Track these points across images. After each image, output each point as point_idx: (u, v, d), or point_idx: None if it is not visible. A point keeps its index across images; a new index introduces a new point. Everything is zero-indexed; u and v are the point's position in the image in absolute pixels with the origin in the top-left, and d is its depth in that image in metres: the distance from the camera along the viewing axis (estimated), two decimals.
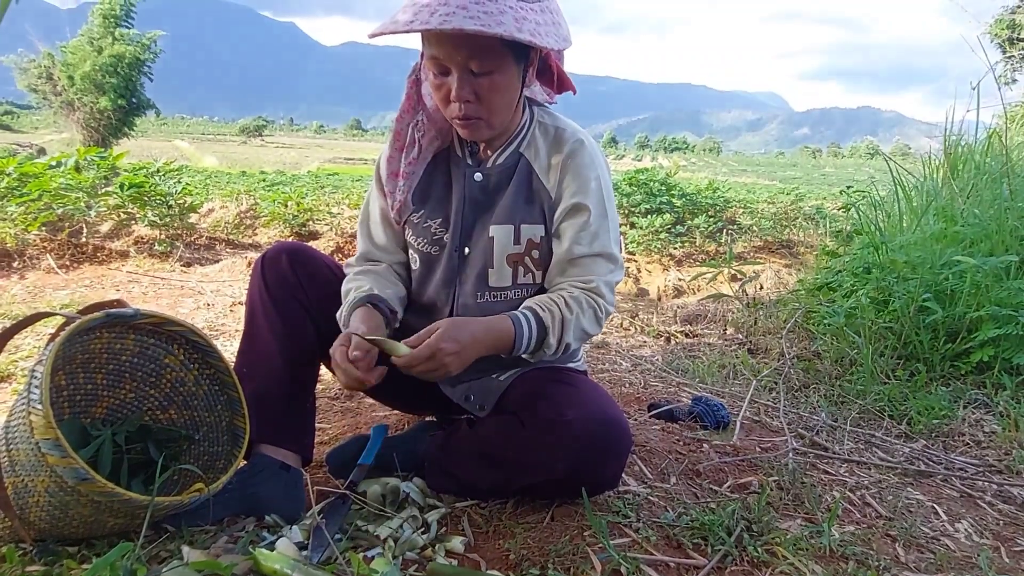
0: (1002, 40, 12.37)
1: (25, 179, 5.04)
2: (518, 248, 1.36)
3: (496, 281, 1.38)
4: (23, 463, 1.06)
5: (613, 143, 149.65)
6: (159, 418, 1.38)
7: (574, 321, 1.29)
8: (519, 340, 1.26)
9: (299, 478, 1.37)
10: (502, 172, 1.37)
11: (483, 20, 1.09)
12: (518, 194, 1.36)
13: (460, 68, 1.19)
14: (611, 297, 1.35)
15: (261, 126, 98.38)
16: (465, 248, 1.39)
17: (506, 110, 1.28)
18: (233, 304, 3.61)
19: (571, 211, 1.33)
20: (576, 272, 1.33)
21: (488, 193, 1.38)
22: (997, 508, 1.60)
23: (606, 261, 1.34)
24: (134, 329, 1.32)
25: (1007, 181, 3.28)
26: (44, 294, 3.76)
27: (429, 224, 1.41)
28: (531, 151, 1.37)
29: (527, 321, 1.27)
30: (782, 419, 2.04)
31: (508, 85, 1.24)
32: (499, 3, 1.12)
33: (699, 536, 1.26)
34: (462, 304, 1.40)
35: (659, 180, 9.61)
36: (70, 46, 24.77)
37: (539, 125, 1.39)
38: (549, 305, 1.29)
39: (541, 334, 1.28)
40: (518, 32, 1.11)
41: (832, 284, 3.40)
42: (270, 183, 13.38)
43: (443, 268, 1.41)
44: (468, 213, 1.38)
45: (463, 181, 1.39)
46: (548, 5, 1.21)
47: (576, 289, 1.32)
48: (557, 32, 1.19)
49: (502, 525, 1.29)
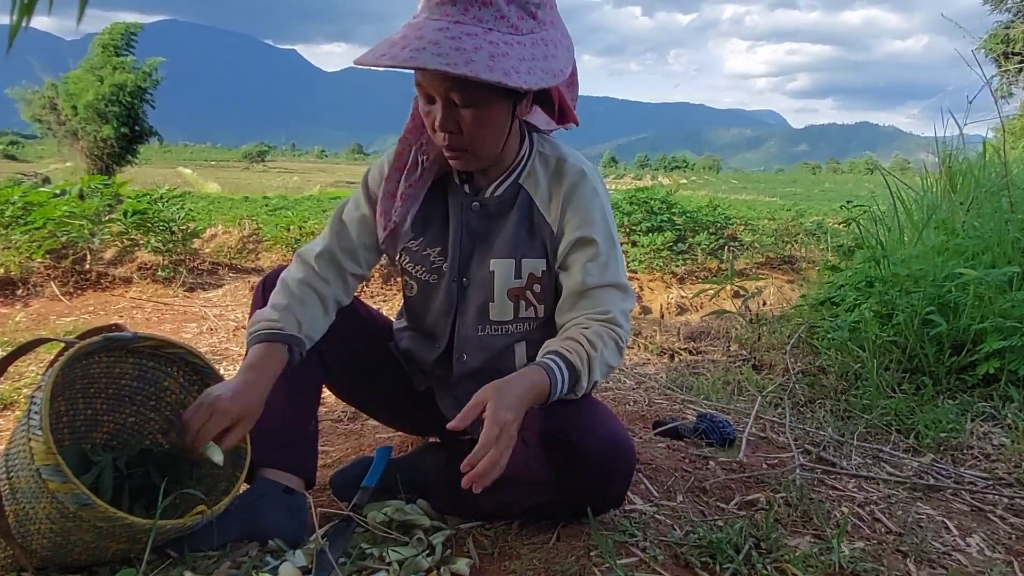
0: (997, 54, 12.47)
1: (30, 207, 5.07)
2: (519, 282, 1.34)
3: (497, 315, 1.36)
4: (24, 490, 1.05)
5: (613, 163, 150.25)
6: (160, 442, 1.38)
7: (599, 357, 1.23)
8: (554, 388, 1.19)
9: (302, 502, 1.36)
10: (501, 203, 1.34)
11: (451, 58, 1.05)
12: (519, 227, 1.33)
13: (443, 99, 1.16)
14: (628, 326, 1.30)
15: (263, 152, 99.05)
16: (464, 279, 1.36)
17: (493, 143, 1.24)
18: (236, 328, 3.62)
19: (577, 244, 1.30)
20: (589, 305, 1.28)
21: (487, 224, 1.35)
22: (1008, 522, 1.58)
23: (618, 291, 1.30)
24: (133, 353, 1.32)
25: (1007, 193, 3.29)
26: (48, 321, 3.77)
27: (428, 253, 1.38)
28: (531, 183, 1.34)
29: (558, 368, 1.20)
30: (788, 435, 2.03)
31: (493, 119, 1.19)
32: (477, 39, 1.08)
33: (707, 554, 1.25)
34: (463, 336, 1.39)
35: (660, 198, 9.65)
36: (72, 76, 25.05)
37: (539, 156, 1.35)
38: (575, 347, 1.22)
39: (573, 378, 1.21)
40: (487, 72, 1.06)
41: (835, 299, 3.39)
42: (272, 208, 13.47)
43: (441, 298, 1.39)
44: (466, 243, 1.36)
45: (460, 210, 1.36)
46: (545, 36, 1.16)
47: (594, 323, 1.26)
48: (546, 67, 1.14)
49: (507, 546, 1.28)
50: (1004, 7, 12.93)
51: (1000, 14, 13.04)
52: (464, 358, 1.41)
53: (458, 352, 1.41)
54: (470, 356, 1.40)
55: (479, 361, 1.39)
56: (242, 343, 3.21)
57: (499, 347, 1.38)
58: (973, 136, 4.24)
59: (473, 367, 1.40)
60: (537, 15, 1.15)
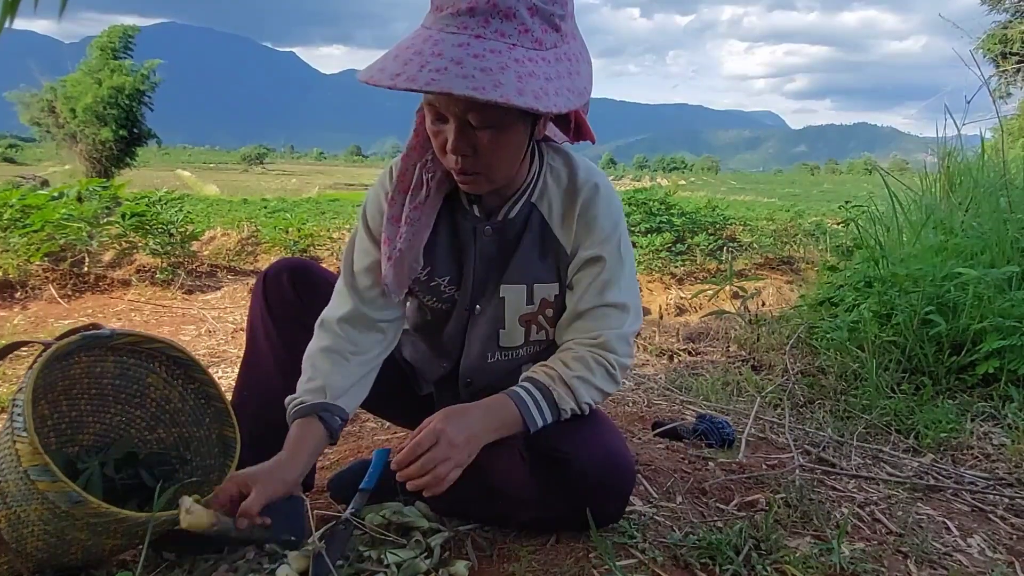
0: (995, 55, 12.48)
1: (28, 210, 5.08)
2: (531, 308, 1.29)
3: (507, 341, 1.32)
4: (14, 494, 1.04)
5: (612, 164, 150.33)
6: (148, 439, 1.36)
7: (578, 379, 1.19)
8: (527, 412, 1.16)
9: (300, 504, 1.35)
10: (514, 226, 1.27)
11: (478, 80, 0.95)
12: (531, 250, 1.27)
13: (457, 120, 1.06)
14: (625, 349, 1.24)
15: (262, 154, 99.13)
16: (477, 306, 1.31)
17: (509, 166, 1.16)
18: (235, 331, 3.61)
19: (586, 263, 1.25)
20: (583, 327, 1.24)
21: (500, 249, 1.28)
22: (1009, 522, 1.57)
23: (617, 312, 1.25)
24: (113, 351, 1.30)
25: (1005, 193, 3.29)
26: (46, 324, 3.76)
27: (438, 282, 1.32)
28: (544, 203, 1.27)
29: (527, 393, 1.18)
30: (788, 436, 2.02)
31: (511, 142, 1.11)
32: (502, 56, 0.98)
33: (707, 556, 1.24)
34: (470, 364, 1.36)
35: (658, 199, 9.67)
36: (71, 79, 25.07)
37: (550, 170, 1.27)
38: (546, 369, 1.21)
39: (547, 397, 1.18)
40: (517, 97, 0.96)
41: (834, 299, 3.39)
42: (271, 210, 13.47)
43: (451, 326, 1.36)
44: (480, 271, 1.29)
45: (473, 236, 1.28)
46: (568, 50, 1.07)
47: (581, 348, 1.23)
48: (572, 85, 1.05)
49: (506, 548, 1.27)
50: (1002, 7, 12.95)
51: (998, 14, 13.06)
52: (470, 382, 1.39)
53: (464, 377, 1.39)
54: (476, 380, 1.38)
55: (485, 382, 1.36)
56: (240, 345, 3.20)
57: (507, 370, 1.35)
58: (971, 136, 4.25)
59: (479, 388, 1.36)
60: (561, 28, 1.06)
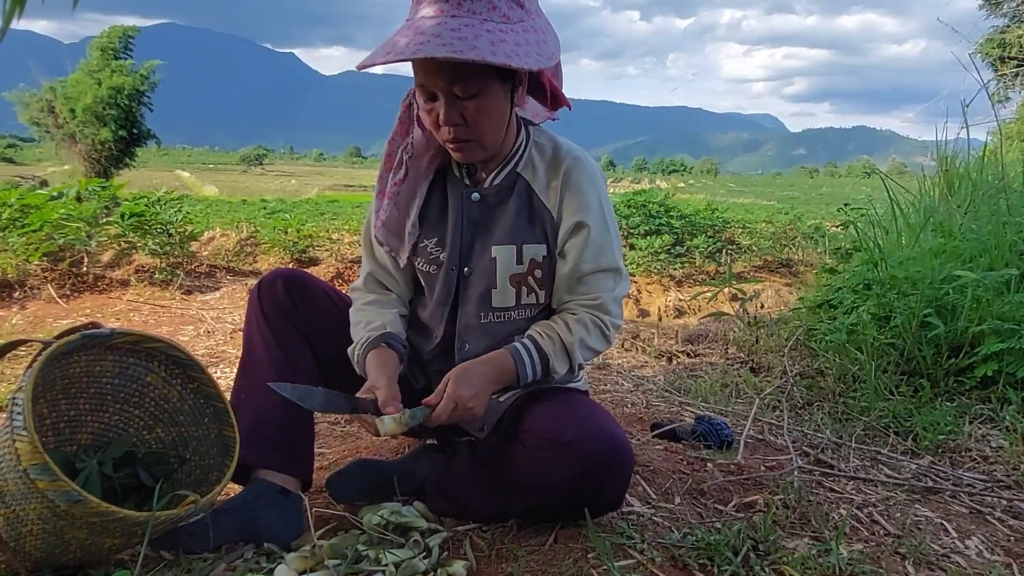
0: (993, 59, 12.49)
1: (27, 210, 5.07)
2: (521, 268, 1.38)
3: (499, 302, 1.39)
4: (13, 493, 1.04)
5: (611, 166, 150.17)
6: (146, 438, 1.36)
7: (577, 343, 1.33)
8: (522, 370, 1.31)
9: (299, 503, 1.36)
10: (500, 192, 1.39)
11: (455, 47, 1.12)
12: (519, 214, 1.38)
13: (445, 93, 1.22)
14: (618, 311, 1.38)
15: (262, 155, 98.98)
16: (465, 268, 1.40)
17: (496, 131, 1.30)
18: (234, 331, 3.61)
19: (574, 229, 1.36)
20: (583, 290, 1.37)
21: (487, 213, 1.39)
22: (1007, 524, 1.58)
23: (612, 275, 1.38)
24: (112, 350, 1.30)
25: (1004, 196, 3.29)
26: (45, 324, 3.76)
27: (426, 244, 1.43)
28: (529, 171, 1.39)
29: (527, 352, 1.32)
30: (786, 437, 2.03)
31: (495, 107, 1.26)
32: (475, 28, 1.15)
33: (705, 556, 1.24)
34: (465, 325, 1.41)
35: (658, 202, 9.68)
36: (70, 79, 25.06)
37: (535, 145, 1.41)
38: (549, 332, 1.34)
39: (543, 360, 1.32)
40: (491, 56, 1.13)
41: (833, 301, 3.39)
42: (270, 211, 13.47)
43: (439, 288, 1.42)
44: (466, 232, 1.40)
45: (460, 201, 1.40)
46: (534, 24, 1.23)
47: (581, 309, 1.36)
48: (540, 51, 1.21)
49: (505, 548, 1.27)
50: (1000, 11, 12.96)
51: (996, 18, 13.06)
52: (466, 347, 1.41)
53: (460, 341, 1.42)
54: (472, 344, 1.40)
55: (481, 348, 1.38)
56: (238, 345, 3.20)
57: (502, 334, 1.39)
58: (970, 139, 4.25)
59: (475, 355, 1.38)
60: (524, 5, 1.23)
